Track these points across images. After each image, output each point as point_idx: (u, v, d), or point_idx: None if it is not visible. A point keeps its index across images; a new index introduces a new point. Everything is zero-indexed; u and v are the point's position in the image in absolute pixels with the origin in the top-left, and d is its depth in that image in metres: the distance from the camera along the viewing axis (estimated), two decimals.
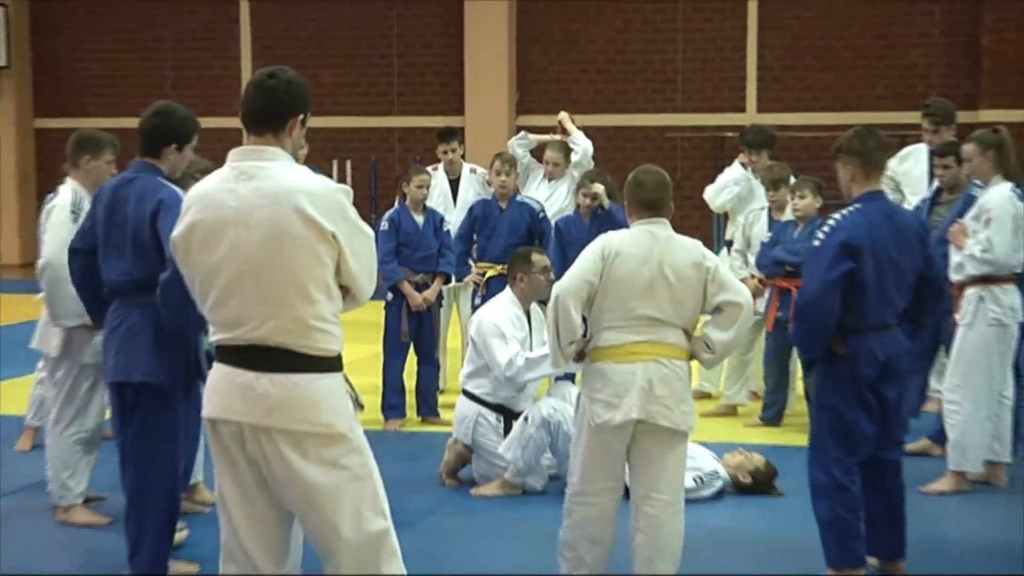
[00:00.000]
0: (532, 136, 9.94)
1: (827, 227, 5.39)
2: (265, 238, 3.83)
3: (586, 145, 9.53)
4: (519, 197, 9.02)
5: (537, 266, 7.13)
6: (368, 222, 4.09)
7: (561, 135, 9.86)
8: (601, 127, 11.69)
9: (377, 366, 8.67)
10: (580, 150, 9.50)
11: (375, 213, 16.02)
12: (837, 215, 5.42)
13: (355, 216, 3.93)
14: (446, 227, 8.84)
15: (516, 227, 8.85)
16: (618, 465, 5.15)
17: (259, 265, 3.84)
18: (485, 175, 9.83)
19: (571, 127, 9.75)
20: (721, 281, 5.09)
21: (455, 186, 9.78)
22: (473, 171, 9.88)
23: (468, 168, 9.89)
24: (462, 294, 9.55)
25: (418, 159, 14.93)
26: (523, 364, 6.86)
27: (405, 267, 8.56)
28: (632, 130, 17.18)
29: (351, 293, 3.97)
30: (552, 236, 8.67)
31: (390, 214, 8.74)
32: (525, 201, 9.01)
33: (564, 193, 9.41)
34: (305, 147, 9.24)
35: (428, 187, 8.81)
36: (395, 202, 9.02)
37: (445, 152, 9.74)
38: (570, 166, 9.47)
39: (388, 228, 8.59)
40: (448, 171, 9.79)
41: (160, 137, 5.46)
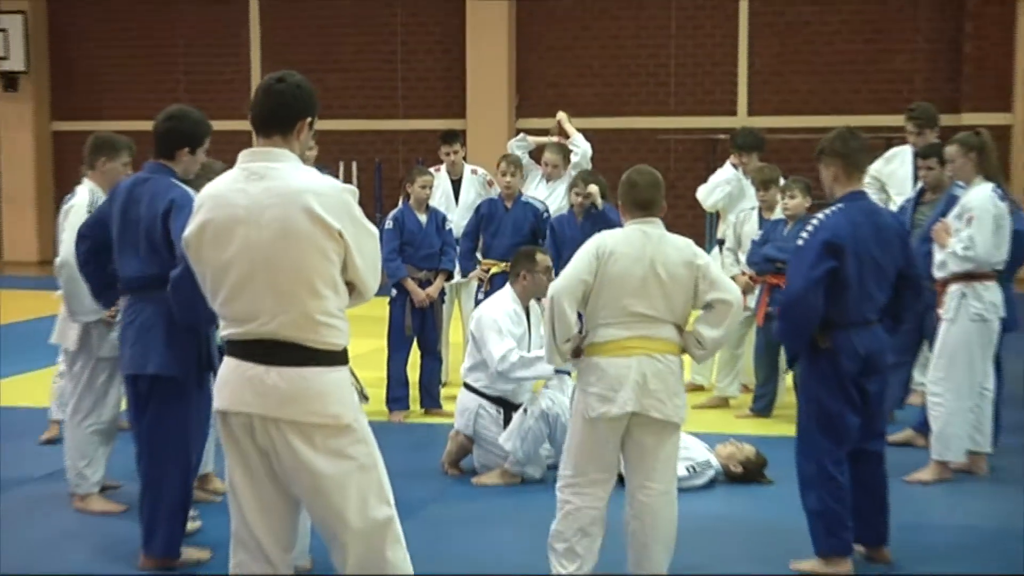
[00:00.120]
0: (531, 138, 9.92)
1: (810, 226, 5.38)
2: (275, 236, 3.83)
3: (585, 147, 9.52)
4: (524, 197, 9.00)
5: (540, 265, 7.12)
6: (373, 221, 4.09)
7: (559, 136, 9.85)
8: (597, 129, 11.68)
9: (382, 360, 8.67)
10: (580, 152, 9.48)
11: (380, 212, 16.01)
12: (820, 215, 5.41)
13: (361, 215, 3.94)
14: (448, 226, 8.83)
15: (520, 226, 8.83)
16: (611, 457, 5.12)
17: (268, 262, 3.84)
18: (486, 176, 9.83)
19: (571, 129, 9.73)
20: (712, 279, 5.06)
21: (457, 186, 9.76)
22: (474, 172, 9.86)
23: (469, 169, 9.87)
24: (463, 290, 9.53)
25: (421, 160, 14.90)
26: (516, 360, 6.85)
27: (409, 264, 8.56)
28: (627, 132, 17.15)
29: (357, 289, 3.97)
30: (547, 235, 8.65)
31: (394, 213, 8.73)
32: (530, 201, 8.99)
33: (562, 194, 9.37)
34: (315, 149, 9.26)
35: (431, 187, 8.80)
36: (399, 202, 8.99)
37: (447, 154, 9.72)
38: (569, 167, 9.45)
39: (392, 227, 8.58)
40: (450, 172, 9.77)
41: (174, 140, 5.46)
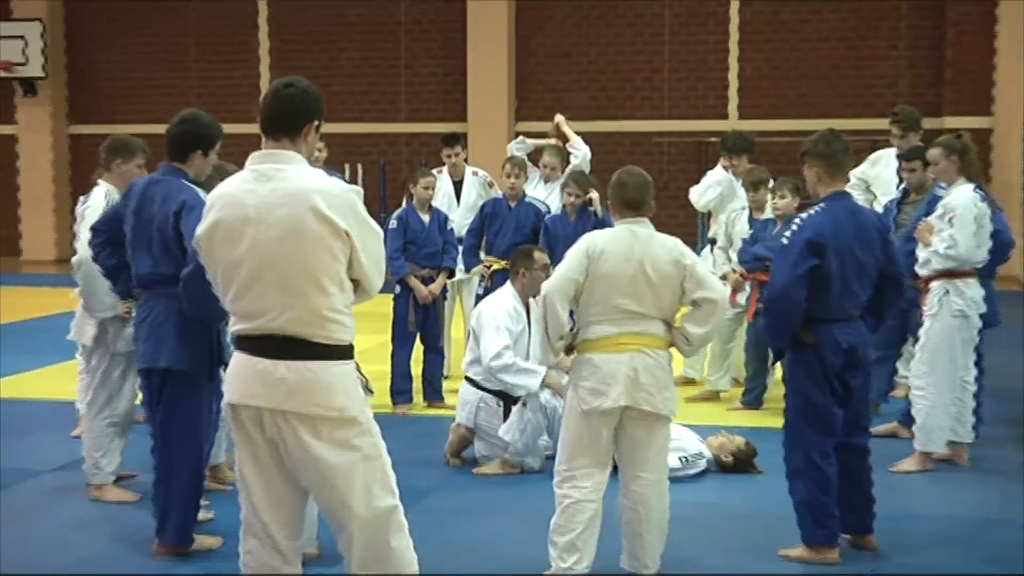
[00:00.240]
0: (530, 140, 9.91)
1: (794, 226, 5.37)
2: (283, 235, 3.82)
3: (585, 151, 9.51)
4: (527, 198, 8.98)
5: (538, 263, 7.11)
6: (377, 221, 4.08)
7: (558, 139, 9.83)
8: (593, 133, 11.65)
9: (386, 354, 8.66)
10: (580, 155, 9.47)
11: (384, 212, 16.01)
12: (803, 214, 5.40)
13: (366, 215, 3.93)
14: (450, 225, 8.82)
15: (522, 226, 8.81)
16: (605, 449, 5.08)
17: (277, 260, 3.83)
18: (486, 177, 9.82)
19: (570, 133, 9.72)
20: (698, 278, 5.03)
21: (458, 187, 9.74)
22: (475, 173, 9.85)
23: (470, 171, 9.86)
24: (465, 287, 9.52)
25: (424, 162, 14.89)
26: (510, 363, 6.82)
27: (412, 262, 8.54)
28: (622, 135, 17.14)
29: (362, 286, 3.97)
30: (541, 234, 8.62)
31: (398, 213, 8.71)
32: (532, 202, 8.97)
33: (559, 195, 9.37)
34: (325, 151, 9.25)
35: (433, 188, 8.78)
36: (403, 202, 8.97)
37: (449, 156, 9.71)
38: (567, 169, 9.42)
39: (396, 226, 8.57)
40: (452, 173, 9.76)
41: (187, 143, 5.45)
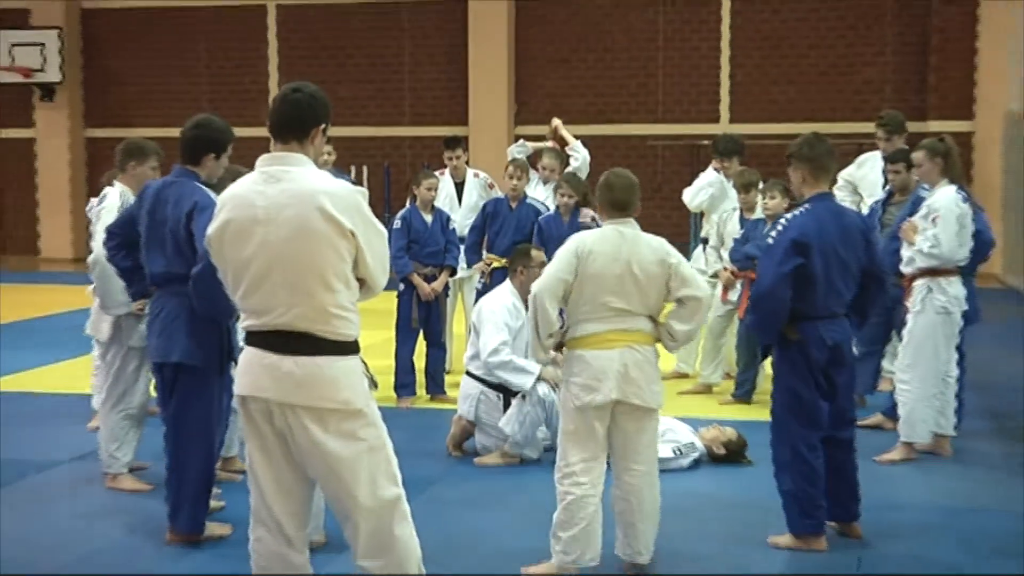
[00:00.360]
0: (530, 144, 9.91)
1: (779, 226, 5.35)
2: (291, 234, 3.82)
3: (584, 154, 9.49)
4: (528, 199, 8.97)
5: (535, 261, 7.10)
6: (382, 221, 4.08)
7: (555, 141, 9.82)
8: (590, 136, 11.64)
9: (390, 349, 8.66)
10: (580, 158, 9.45)
11: (388, 212, 15.99)
12: (788, 215, 5.39)
13: (371, 215, 3.93)
14: (452, 225, 8.81)
15: (523, 225, 8.79)
16: (600, 443, 5.04)
17: (285, 258, 3.83)
18: (487, 179, 9.82)
19: (569, 136, 9.72)
20: (683, 276, 5.01)
21: (460, 188, 9.74)
22: (476, 175, 9.84)
23: (472, 172, 9.85)
24: (466, 285, 9.52)
25: (427, 164, 14.89)
26: (507, 360, 6.80)
27: (415, 261, 8.53)
28: (618, 139, 17.13)
29: (367, 284, 3.96)
30: (535, 233, 8.59)
31: (402, 214, 8.71)
32: (533, 203, 8.97)
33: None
34: (333, 155, 9.24)
35: (436, 189, 8.77)
36: (406, 203, 8.98)
37: (451, 158, 9.70)
38: (566, 171, 9.41)
39: (400, 226, 8.56)
40: (453, 175, 9.75)
41: (200, 146, 5.45)
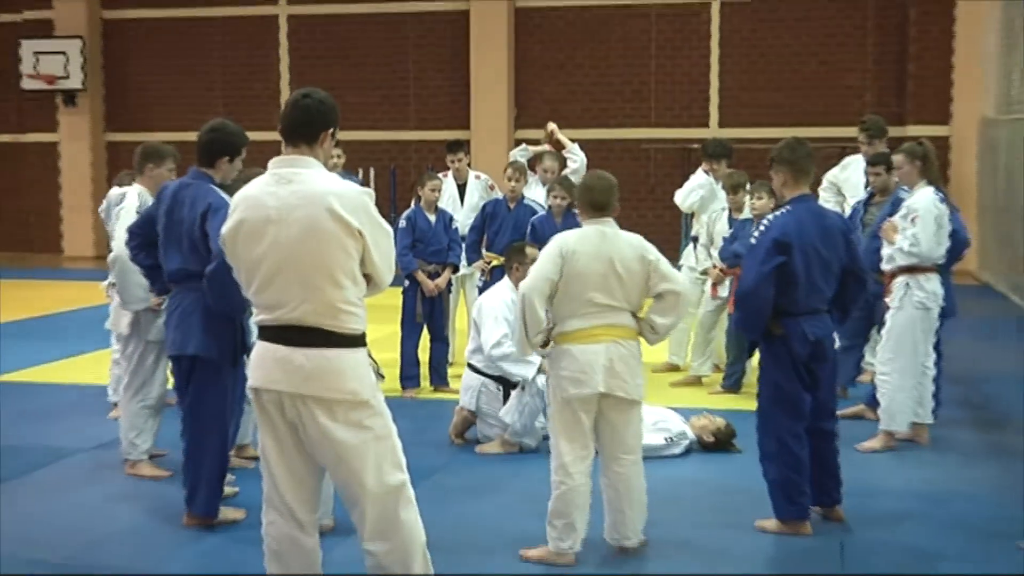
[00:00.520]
0: (531, 148, 9.91)
1: (762, 227, 5.35)
2: (301, 233, 3.83)
3: (582, 157, 9.49)
4: (526, 200, 8.97)
5: (529, 258, 7.07)
6: (388, 221, 4.08)
7: (552, 145, 9.82)
8: (586, 139, 11.63)
9: (395, 343, 8.66)
10: (579, 161, 9.46)
11: (394, 212, 15.98)
12: (771, 216, 5.39)
13: (377, 215, 3.93)
14: (455, 225, 8.81)
15: (520, 225, 8.77)
16: (587, 434, 5.02)
17: (296, 256, 3.84)
18: (488, 180, 9.82)
19: (566, 140, 9.72)
20: (662, 272, 5.01)
21: (462, 190, 9.73)
22: (478, 177, 9.84)
23: (473, 175, 9.85)
24: (468, 282, 9.52)
25: (431, 167, 14.88)
26: (508, 351, 6.79)
27: (420, 259, 8.53)
28: (613, 142, 17.11)
29: (374, 280, 3.97)
30: (528, 233, 8.55)
31: (407, 214, 8.71)
32: (530, 203, 8.96)
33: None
34: (343, 157, 9.23)
35: (439, 191, 8.77)
36: (411, 203, 8.97)
37: (453, 161, 9.70)
38: (563, 173, 9.41)
39: (405, 226, 8.56)
40: (456, 177, 9.75)
41: (215, 149, 5.45)
